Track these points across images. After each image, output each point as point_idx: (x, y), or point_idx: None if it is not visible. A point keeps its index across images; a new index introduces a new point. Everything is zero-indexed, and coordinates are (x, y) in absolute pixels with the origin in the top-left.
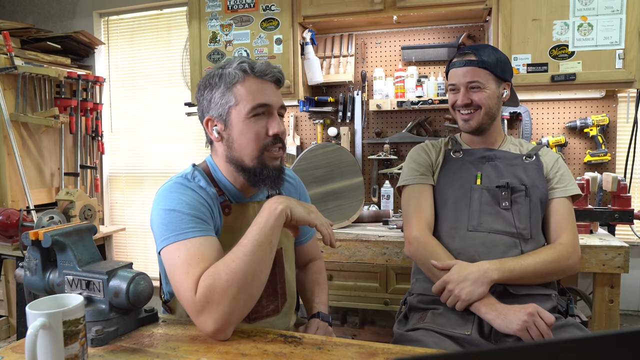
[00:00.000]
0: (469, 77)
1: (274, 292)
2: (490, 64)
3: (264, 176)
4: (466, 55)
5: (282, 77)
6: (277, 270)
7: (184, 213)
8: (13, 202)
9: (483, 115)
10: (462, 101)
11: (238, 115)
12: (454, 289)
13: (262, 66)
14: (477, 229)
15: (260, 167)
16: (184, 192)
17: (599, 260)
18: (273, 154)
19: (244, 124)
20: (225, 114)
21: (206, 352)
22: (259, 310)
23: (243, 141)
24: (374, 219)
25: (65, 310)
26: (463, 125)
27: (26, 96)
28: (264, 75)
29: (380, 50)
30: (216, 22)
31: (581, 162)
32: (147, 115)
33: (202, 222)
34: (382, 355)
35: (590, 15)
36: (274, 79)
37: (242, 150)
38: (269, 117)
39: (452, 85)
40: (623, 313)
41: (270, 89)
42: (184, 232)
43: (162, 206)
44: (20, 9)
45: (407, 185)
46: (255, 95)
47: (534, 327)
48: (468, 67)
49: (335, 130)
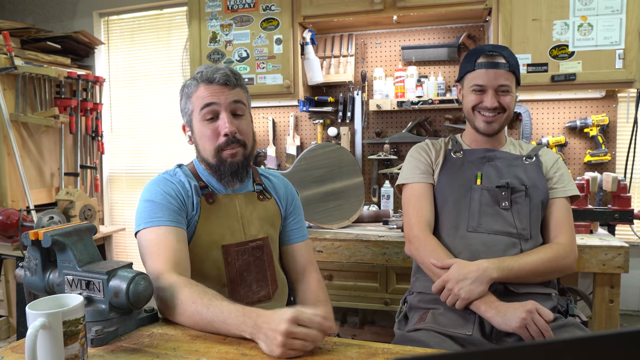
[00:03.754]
0: (501, 80)
1: (263, 278)
2: (516, 67)
3: (222, 172)
4: (494, 56)
5: (230, 76)
6: (266, 258)
7: (157, 203)
8: (13, 202)
9: (506, 119)
10: (492, 104)
11: (196, 120)
12: (453, 288)
13: (210, 72)
14: (477, 229)
15: (219, 164)
16: (161, 185)
17: (599, 260)
18: (228, 151)
19: (200, 127)
20: (189, 121)
21: (206, 352)
22: (250, 296)
23: (202, 142)
24: (374, 219)
25: (65, 310)
26: (485, 127)
27: (26, 96)
28: (211, 80)
29: (380, 50)
30: (216, 22)
31: (581, 162)
32: (147, 115)
33: (173, 213)
34: (382, 355)
35: (590, 15)
36: (222, 81)
37: (204, 151)
38: (218, 120)
39: (479, 87)
40: (623, 313)
41: (219, 91)
42: (155, 219)
43: (142, 198)
44: (20, 9)
45: (408, 184)
46: (203, 99)
47: (533, 324)
48: (499, 69)
49: (335, 130)
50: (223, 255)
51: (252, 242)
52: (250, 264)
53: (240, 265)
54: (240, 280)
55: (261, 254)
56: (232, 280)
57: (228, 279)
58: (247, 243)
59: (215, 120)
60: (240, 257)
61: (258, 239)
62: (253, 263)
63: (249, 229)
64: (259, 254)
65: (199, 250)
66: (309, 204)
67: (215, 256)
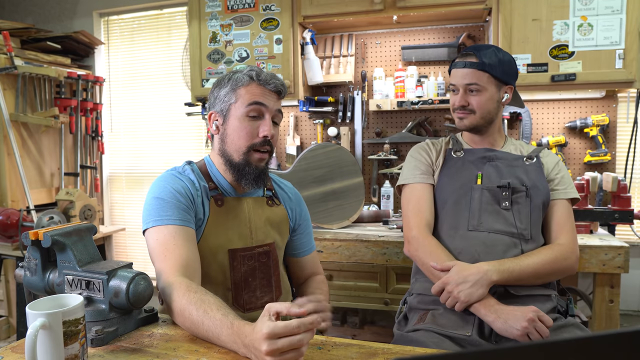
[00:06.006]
0: (467, 79)
1: (268, 284)
2: (491, 67)
3: (245, 172)
4: (467, 56)
5: (284, 89)
6: (272, 263)
7: (166, 201)
8: (13, 202)
9: (478, 118)
10: (459, 103)
11: (235, 112)
12: (452, 291)
13: (267, 76)
14: (477, 229)
15: (244, 164)
16: (170, 182)
17: (599, 260)
18: (259, 154)
19: (239, 121)
20: (225, 110)
21: (206, 352)
22: (253, 301)
23: (235, 137)
24: (374, 219)
25: (65, 310)
26: (458, 123)
27: (26, 96)
28: (267, 83)
29: (380, 50)
30: (216, 22)
31: (581, 162)
32: (147, 115)
33: (182, 211)
34: (382, 355)
35: (590, 15)
36: (276, 89)
37: (232, 145)
38: (262, 120)
39: (452, 86)
40: (623, 313)
41: (270, 95)
42: (164, 218)
43: (150, 194)
44: (20, 9)
45: (407, 185)
46: (255, 96)
47: (535, 332)
48: (468, 68)
49: (335, 130)
50: (229, 259)
51: (259, 248)
52: (255, 269)
53: (246, 270)
54: (245, 285)
55: (267, 259)
56: (237, 285)
57: (232, 283)
58: (254, 248)
59: (257, 119)
60: (247, 262)
61: (265, 244)
62: (258, 268)
63: (256, 234)
64: (264, 260)
65: (205, 253)
66: (309, 204)
67: (221, 260)
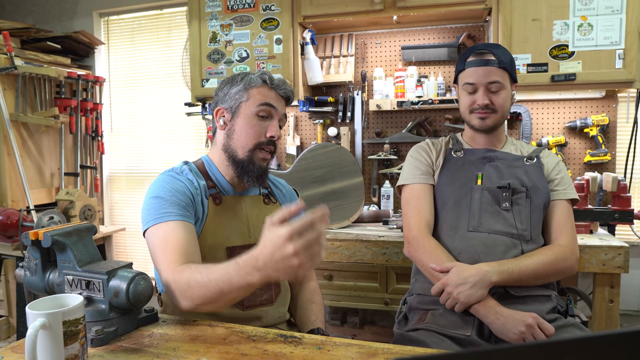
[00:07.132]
0: (490, 77)
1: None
2: (507, 64)
3: (248, 170)
4: (484, 54)
5: (292, 96)
6: None
7: (165, 199)
8: (13, 202)
9: (499, 117)
10: (483, 101)
11: (246, 110)
12: (452, 292)
13: (279, 81)
14: (477, 229)
15: (248, 161)
16: (168, 182)
17: (599, 260)
18: (263, 153)
19: (248, 119)
20: (235, 107)
21: (206, 352)
22: (252, 299)
23: (242, 134)
24: (374, 219)
25: (65, 310)
26: (480, 123)
27: (26, 96)
28: (278, 88)
29: (380, 50)
30: (216, 22)
31: (581, 162)
32: (147, 115)
33: (181, 208)
34: (382, 355)
35: (590, 15)
36: (286, 95)
37: (238, 141)
38: (271, 121)
39: (470, 85)
40: (623, 313)
41: (279, 100)
42: (163, 215)
43: (148, 195)
44: (20, 9)
45: (407, 185)
46: (266, 97)
47: (532, 338)
48: (488, 66)
49: (335, 130)
50: (227, 256)
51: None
52: None
53: None
54: None
55: None
56: None
57: None
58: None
59: (266, 120)
60: None
61: None
62: None
63: (254, 231)
64: None
65: (204, 251)
66: (309, 204)
67: (219, 257)
